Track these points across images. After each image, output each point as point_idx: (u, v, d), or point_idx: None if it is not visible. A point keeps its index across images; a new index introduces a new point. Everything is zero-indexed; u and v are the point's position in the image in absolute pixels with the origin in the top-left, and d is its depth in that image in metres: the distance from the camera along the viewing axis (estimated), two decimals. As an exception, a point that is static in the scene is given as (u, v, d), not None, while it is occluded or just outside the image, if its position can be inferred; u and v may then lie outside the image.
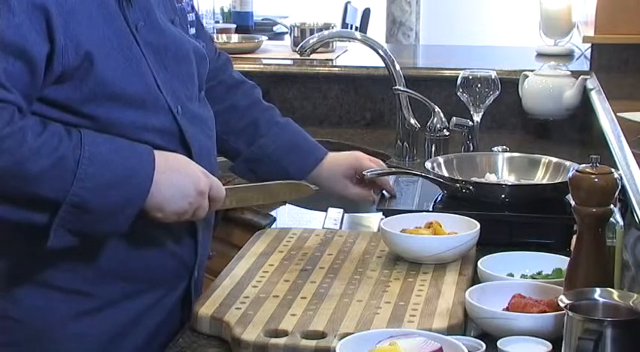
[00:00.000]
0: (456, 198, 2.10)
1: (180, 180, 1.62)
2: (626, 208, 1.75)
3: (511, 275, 1.75)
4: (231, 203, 1.78)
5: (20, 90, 1.51)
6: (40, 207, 1.53)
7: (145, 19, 1.64)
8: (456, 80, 2.68)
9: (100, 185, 1.54)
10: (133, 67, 1.61)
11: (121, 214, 1.57)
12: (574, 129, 2.96)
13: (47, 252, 1.57)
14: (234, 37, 3.83)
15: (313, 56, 3.04)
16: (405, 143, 2.75)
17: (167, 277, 1.73)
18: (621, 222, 1.65)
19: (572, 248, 1.58)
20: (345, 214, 2.28)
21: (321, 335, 1.53)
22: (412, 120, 2.73)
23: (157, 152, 1.61)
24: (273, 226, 2.19)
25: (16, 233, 1.59)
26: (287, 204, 2.33)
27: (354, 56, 3.42)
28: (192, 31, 1.87)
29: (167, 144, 1.65)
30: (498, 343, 1.48)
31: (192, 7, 1.90)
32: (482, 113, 2.67)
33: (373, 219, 2.22)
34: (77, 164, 1.52)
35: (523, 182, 2.21)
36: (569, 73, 2.98)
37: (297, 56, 3.01)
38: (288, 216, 2.27)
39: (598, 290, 1.41)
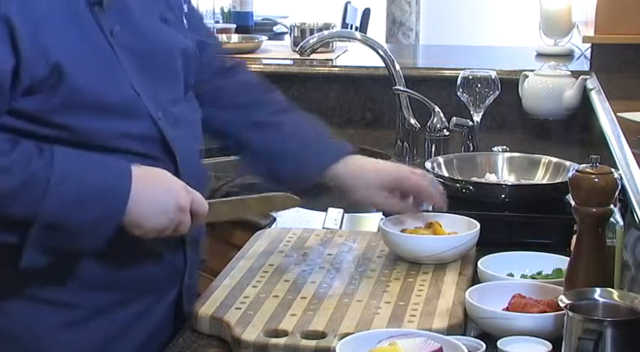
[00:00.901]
0: (456, 198, 2.09)
1: (159, 196, 1.57)
2: (626, 208, 1.75)
3: (511, 275, 1.75)
4: (216, 217, 1.73)
5: None
6: (11, 226, 1.49)
7: (122, 24, 1.59)
8: (456, 80, 2.68)
9: (73, 203, 1.50)
10: (107, 74, 1.56)
11: (96, 232, 1.53)
12: (574, 129, 2.96)
13: (26, 265, 1.53)
14: (234, 37, 3.83)
15: (313, 56, 3.04)
16: (405, 143, 2.75)
17: (156, 284, 1.70)
18: (621, 222, 1.65)
19: (572, 248, 1.58)
20: (345, 214, 2.28)
21: (321, 335, 1.53)
22: (412, 120, 2.73)
23: (136, 167, 1.56)
24: (273, 226, 2.19)
25: None
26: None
27: (354, 56, 3.42)
28: (186, 22, 1.80)
29: (149, 151, 1.61)
30: (498, 343, 1.48)
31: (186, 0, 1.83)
32: (482, 113, 2.67)
33: (373, 219, 2.22)
34: (47, 182, 1.48)
35: (523, 182, 2.21)
36: (569, 73, 2.98)
37: (297, 56, 3.01)
38: (288, 216, 2.27)
39: (598, 290, 1.41)
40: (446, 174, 2.19)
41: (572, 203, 1.53)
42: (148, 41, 1.64)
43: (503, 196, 2.06)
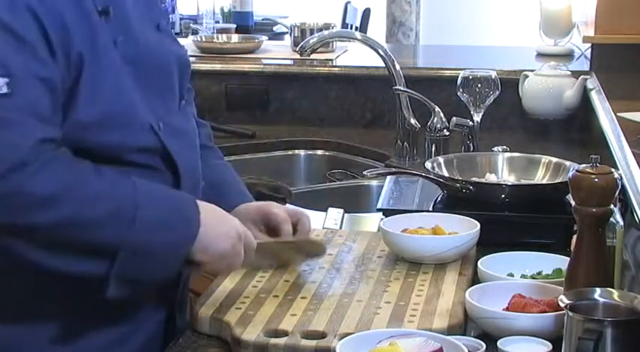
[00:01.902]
0: (456, 198, 2.10)
1: (222, 222, 1.59)
2: (626, 208, 1.76)
3: (511, 275, 1.75)
4: (259, 259, 1.73)
5: (57, 123, 1.47)
6: (97, 256, 1.47)
7: (124, 34, 1.57)
8: (456, 80, 2.68)
9: (155, 227, 1.50)
10: (113, 86, 1.53)
11: (173, 256, 1.53)
12: (574, 129, 2.96)
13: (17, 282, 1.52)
14: (234, 37, 3.83)
15: (313, 56, 3.04)
16: (405, 143, 2.75)
17: (147, 301, 1.65)
18: (621, 222, 1.65)
19: (572, 248, 1.58)
20: (345, 214, 2.28)
21: (321, 335, 1.53)
22: (412, 120, 2.73)
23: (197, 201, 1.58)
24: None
25: None
26: (287, 204, 2.32)
27: (354, 56, 3.42)
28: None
29: (150, 163, 1.58)
30: (498, 343, 1.48)
31: (173, 9, 1.82)
32: (482, 113, 2.67)
33: (373, 219, 2.22)
34: (136, 208, 1.48)
35: (523, 182, 2.21)
36: (569, 73, 2.98)
37: (297, 56, 3.02)
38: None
39: (598, 290, 1.41)
40: (446, 174, 2.19)
41: (572, 203, 1.54)
42: (146, 51, 1.61)
43: (503, 196, 2.06)
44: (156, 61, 1.63)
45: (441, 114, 2.63)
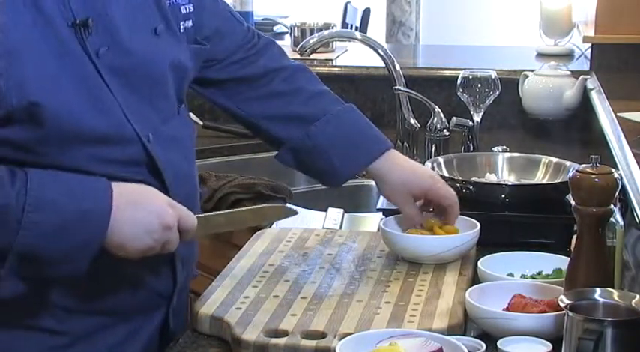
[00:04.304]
0: (456, 198, 2.10)
1: (142, 215, 1.48)
2: (626, 208, 1.75)
3: (511, 275, 1.75)
4: (206, 231, 1.68)
5: None
6: None
7: (109, 43, 1.51)
8: (456, 80, 2.68)
9: (49, 232, 1.42)
10: (92, 100, 1.48)
11: (76, 258, 1.45)
12: (574, 129, 2.96)
13: (7, 294, 1.50)
14: (235, 37, 3.82)
15: (313, 56, 3.03)
16: (405, 143, 2.75)
17: (142, 308, 1.64)
18: (621, 222, 1.65)
19: (572, 248, 1.58)
20: (345, 214, 2.28)
21: (321, 335, 1.53)
22: (412, 120, 2.73)
23: (115, 185, 1.48)
24: (274, 226, 2.19)
25: None
26: (287, 203, 2.32)
27: (354, 56, 3.42)
28: (189, 24, 1.71)
29: (133, 176, 1.53)
30: (498, 343, 1.48)
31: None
32: (482, 113, 2.67)
33: (373, 219, 2.22)
34: (22, 212, 1.40)
35: (523, 182, 2.21)
36: (569, 73, 2.98)
37: (297, 56, 3.01)
38: (289, 216, 2.27)
39: (598, 290, 1.41)
40: (446, 174, 2.19)
41: (572, 203, 1.53)
42: (136, 59, 1.56)
43: (503, 196, 2.06)
44: (147, 69, 1.58)
45: (441, 114, 2.63)
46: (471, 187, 2.09)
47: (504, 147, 2.39)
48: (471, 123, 2.64)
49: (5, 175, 1.42)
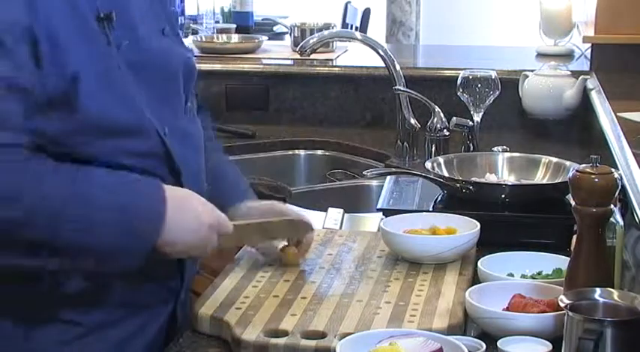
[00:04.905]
0: (456, 198, 2.10)
1: (190, 216, 1.55)
2: (626, 208, 1.75)
3: (511, 275, 1.75)
4: (238, 241, 1.76)
5: (19, 128, 1.45)
6: (40, 254, 1.47)
7: (129, 38, 1.56)
8: (456, 80, 2.69)
9: (110, 231, 1.49)
10: (116, 92, 1.53)
11: (131, 256, 1.51)
12: (574, 129, 2.96)
13: (21, 283, 1.53)
14: (234, 37, 3.83)
15: (313, 56, 3.04)
16: (405, 143, 2.75)
17: (151, 302, 1.66)
18: (621, 222, 1.65)
19: (572, 248, 1.58)
20: (345, 214, 2.28)
21: (321, 335, 1.53)
22: (412, 120, 2.73)
23: (166, 187, 1.55)
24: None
25: None
26: (287, 204, 2.32)
27: (354, 56, 3.42)
28: (182, 34, 1.79)
29: (153, 169, 1.58)
30: (498, 343, 1.48)
31: (182, 11, 1.82)
32: (482, 113, 2.67)
33: (373, 219, 2.22)
34: (92, 212, 1.47)
35: (523, 182, 2.21)
36: (569, 73, 2.98)
37: (297, 56, 3.02)
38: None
39: (598, 290, 1.41)
40: (446, 174, 2.19)
41: (572, 203, 1.53)
42: (152, 55, 1.61)
43: (503, 196, 2.06)
44: (161, 64, 1.63)
45: (441, 114, 2.63)
46: (470, 187, 2.09)
47: (504, 147, 2.38)
48: (471, 123, 2.64)
49: (71, 169, 1.49)
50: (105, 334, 1.62)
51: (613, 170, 1.52)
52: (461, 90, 2.67)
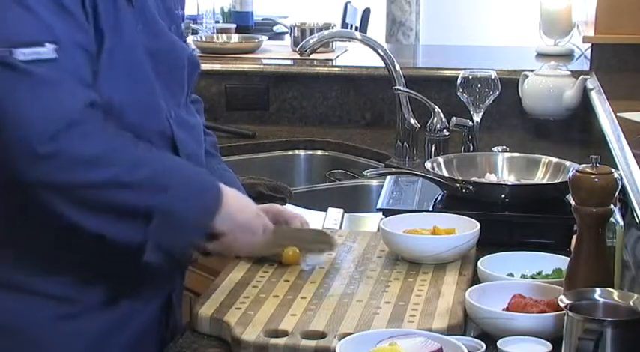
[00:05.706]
0: (456, 198, 2.10)
1: (242, 197, 1.67)
2: (626, 208, 1.75)
3: (511, 275, 1.75)
4: (274, 244, 1.78)
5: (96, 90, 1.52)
6: (131, 219, 1.52)
7: (144, 22, 1.62)
8: (456, 80, 2.68)
9: (184, 194, 1.55)
10: (133, 68, 1.59)
11: (201, 222, 1.58)
12: (574, 129, 2.96)
13: (24, 257, 1.56)
14: (234, 37, 3.83)
15: (313, 56, 3.04)
16: (405, 143, 2.75)
17: (148, 283, 1.67)
18: (621, 222, 1.65)
19: (572, 248, 1.58)
20: (345, 214, 2.28)
21: (321, 335, 1.53)
22: (412, 120, 2.73)
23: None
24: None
25: None
26: (287, 204, 2.33)
27: (354, 56, 3.42)
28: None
29: (162, 148, 1.62)
30: (498, 343, 1.48)
31: (183, 17, 1.88)
32: (482, 113, 2.67)
33: (373, 219, 2.22)
34: (170, 177, 1.55)
35: (523, 182, 2.21)
36: (569, 73, 2.98)
37: (297, 56, 3.02)
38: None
39: (598, 290, 1.41)
40: (446, 174, 2.19)
41: (572, 203, 1.53)
42: (163, 43, 1.67)
43: (503, 196, 2.06)
44: (169, 53, 1.68)
45: (441, 114, 2.63)
46: (470, 187, 2.09)
47: (504, 147, 2.38)
48: (470, 123, 2.64)
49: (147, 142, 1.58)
50: (105, 311, 1.62)
51: (613, 170, 1.52)
52: (461, 90, 2.67)
